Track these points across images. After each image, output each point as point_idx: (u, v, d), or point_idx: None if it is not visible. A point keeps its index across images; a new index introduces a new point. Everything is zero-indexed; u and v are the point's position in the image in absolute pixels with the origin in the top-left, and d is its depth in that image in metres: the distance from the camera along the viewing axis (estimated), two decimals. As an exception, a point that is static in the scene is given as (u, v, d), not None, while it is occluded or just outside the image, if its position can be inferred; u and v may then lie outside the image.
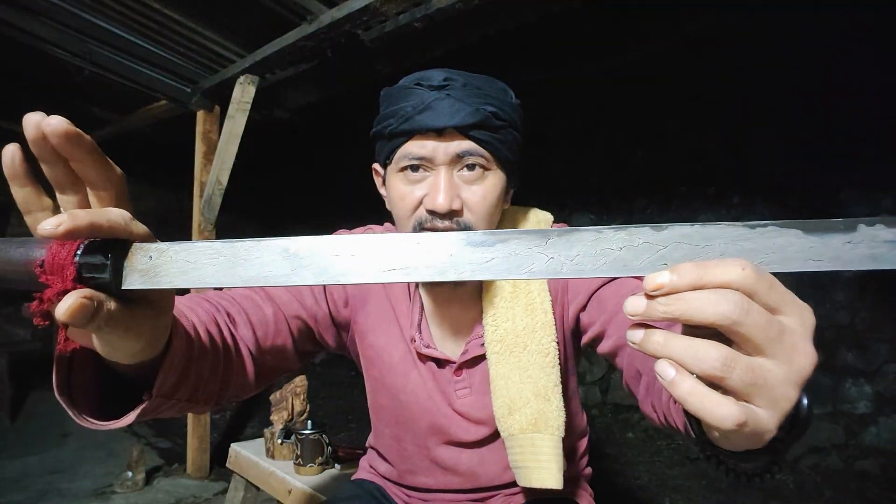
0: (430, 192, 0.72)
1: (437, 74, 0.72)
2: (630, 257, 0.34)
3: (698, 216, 3.51)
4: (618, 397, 3.75)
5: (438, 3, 1.70)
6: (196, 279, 0.36)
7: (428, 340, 0.85)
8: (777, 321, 0.31)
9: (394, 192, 0.76)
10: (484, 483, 0.87)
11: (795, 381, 0.32)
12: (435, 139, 0.71)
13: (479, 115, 0.70)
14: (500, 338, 0.79)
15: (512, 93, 0.77)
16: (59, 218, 0.34)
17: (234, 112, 2.46)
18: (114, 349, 0.39)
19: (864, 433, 2.81)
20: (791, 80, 3.10)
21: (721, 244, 0.33)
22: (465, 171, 0.73)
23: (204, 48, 2.43)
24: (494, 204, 0.75)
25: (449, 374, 0.84)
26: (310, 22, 1.98)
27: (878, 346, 2.81)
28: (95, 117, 3.69)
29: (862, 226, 0.32)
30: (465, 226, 0.73)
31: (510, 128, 0.74)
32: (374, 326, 0.86)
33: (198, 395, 0.57)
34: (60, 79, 3.04)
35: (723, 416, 0.30)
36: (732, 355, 0.31)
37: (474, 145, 0.71)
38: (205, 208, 2.64)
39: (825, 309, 2.98)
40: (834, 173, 2.96)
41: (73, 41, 2.50)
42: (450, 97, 0.70)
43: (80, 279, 0.34)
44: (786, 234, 0.33)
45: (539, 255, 0.35)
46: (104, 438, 3.30)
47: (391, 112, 0.74)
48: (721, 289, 0.31)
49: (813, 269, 0.32)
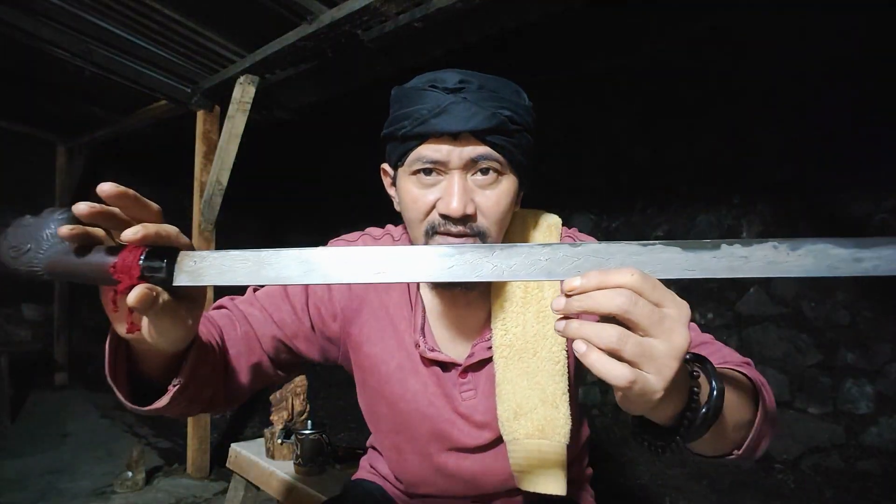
0: (444, 196, 0.71)
1: (452, 76, 0.71)
2: (553, 266, 0.46)
3: (698, 216, 3.51)
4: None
5: (439, 3, 1.70)
6: (230, 279, 0.49)
7: (433, 343, 0.84)
8: (659, 311, 0.43)
9: (406, 196, 0.75)
10: (486, 490, 0.86)
11: (675, 356, 0.43)
12: (450, 143, 0.70)
13: (496, 119, 0.69)
14: (509, 342, 0.79)
15: (525, 94, 0.77)
16: (136, 228, 0.47)
17: (235, 112, 2.46)
18: (161, 334, 0.51)
19: (866, 433, 2.81)
20: (791, 80, 3.10)
21: (620, 257, 0.46)
22: (478, 175, 0.72)
23: (204, 48, 2.43)
24: (507, 208, 0.74)
25: (454, 376, 0.84)
26: (310, 22, 1.98)
27: (880, 346, 2.81)
28: (96, 117, 3.69)
29: (724, 245, 0.45)
30: (479, 231, 0.72)
31: (524, 131, 0.74)
32: (369, 336, 0.86)
33: (199, 394, 0.68)
34: (61, 79, 3.05)
35: (617, 374, 0.42)
36: (625, 334, 0.42)
37: (489, 150, 0.71)
38: (205, 208, 2.64)
39: (826, 309, 2.98)
40: (834, 173, 2.95)
41: (74, 41, 2.50)
42: (466, 101, 0.69)
43: (142, 277, 0.47)
44: (669, 250, 0.46)
45: (486, 263, 0.47)
46: (104, 438, 3.30)
47: (405, 114, 0.72)
48: (617, 288, 0.42)
49: (688, 276, 0.46)
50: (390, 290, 0.86)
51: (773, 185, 3.18)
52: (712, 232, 3.44)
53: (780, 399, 3.08)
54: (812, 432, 2.95)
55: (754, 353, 3.21)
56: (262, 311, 0.83)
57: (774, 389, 3.47)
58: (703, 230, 3.48)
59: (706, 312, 3.44)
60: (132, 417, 3.77)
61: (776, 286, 3.16)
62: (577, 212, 4.08)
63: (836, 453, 2.86)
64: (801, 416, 3.00)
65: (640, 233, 3.79)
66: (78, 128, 3.96)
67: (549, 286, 0.80)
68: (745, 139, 3.29)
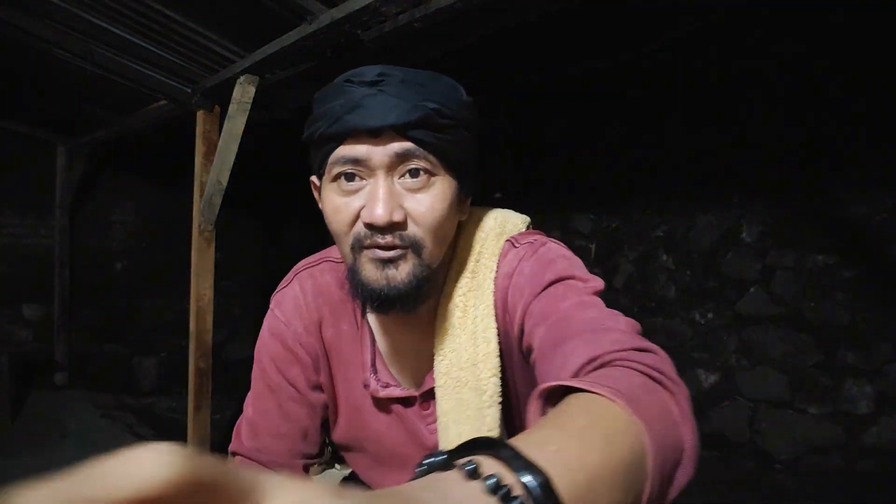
0: (368, 203, 0.62)
1: (372, 70, 0.65)
2: None
3: (698, 216, 3.51)
4: (618, 397, 3.75)
5: (438, 4, 1.70)
6: None
7: (386, 378, 0.77)
8: None
9: (327, 206, 0.67)
10: None
11: None
12: (370, 141, 0.62)
13: (419, 111, 0.61)
14: (445, 369, 0.71)
15: (463, 90, 0.69)
16: None
17: (235, 112, 2.46)
18: None
19: (866, 433, 2.81)
20: (791, 80, 3.10)
21: None
22: (407, 177, 0.63)
23: (204, 48, 2.43)
24: (443, 214, 0.65)
25: (417, 409, 0.77)
26: (309, 22, 1.98)
27: (880, 346, 2.81)
28: (96, 117, 3.69)
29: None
30: (411, 241, 0.63)
31: (459, 127, 0.65)
32: (333, 378, 0.80)
33: None
34: (61, 79, 3.05)
35: None
36: None
37: (416, 147, 0.62)
38: (205, 209, 2.64)
39: (826, 309, 2.98)
40: (834, 173, 2.96)
41: (74, 42, 2.51)
42: (383, 93, 0.61)
43: None
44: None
45: None
46: (104, 438, 3.30)
47: (320, 114, 0.66)
48: None
49: None
50: (340, 324, 0.79)
51: (773, 185, 3.18)
52: (712, 232, 3.45)
53: (780, 399, 3.09)
54: (812, 432, 2.95)
55: (754, 354, 3.21)
56: (276, 434, 0.78)
57: (775, 389, 3.43)
58: (703, 230, 3.49)
59: (706, 312, 3.44)
60: (132, 417, 3.77)
61: (776, 286, 3.16)
62: (576, 212, 4.08)
63: (836, 453, 2.85)
64: (801, 417, 3.00)
65: (640, 233, 3.79)
66: (78, 128, 3.96)
67: (482, 304, 0.70)
68: (745, 139, 3.29)
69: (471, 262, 0.72)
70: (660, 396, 0.44)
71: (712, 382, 3.37)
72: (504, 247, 0.72)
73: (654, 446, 0.38)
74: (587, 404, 0.39)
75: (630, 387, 0.42)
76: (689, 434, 0.43)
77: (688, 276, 3.54)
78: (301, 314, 0.78)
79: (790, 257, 3.11)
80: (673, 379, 0.47)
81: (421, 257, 0.64)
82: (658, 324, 3.64)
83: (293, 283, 0.81)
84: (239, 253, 5.22)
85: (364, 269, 0.64)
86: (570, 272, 0.64)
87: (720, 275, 3.39)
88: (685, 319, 3.52)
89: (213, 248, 2.79)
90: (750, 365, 3.23)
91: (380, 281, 0.63)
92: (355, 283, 0.65)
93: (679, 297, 3.56)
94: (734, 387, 3.27)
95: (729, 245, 3.36)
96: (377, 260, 0.63)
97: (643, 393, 0.43)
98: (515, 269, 0.68)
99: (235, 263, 5.09)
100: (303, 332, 0.78)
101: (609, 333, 0.53)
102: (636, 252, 3.81)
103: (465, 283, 0.71)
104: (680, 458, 0.42)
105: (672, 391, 0.46)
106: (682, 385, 0.47)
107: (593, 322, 0.56)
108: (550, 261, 0.66)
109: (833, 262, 2.97)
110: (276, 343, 0.79)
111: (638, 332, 0.56)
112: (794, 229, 3.10)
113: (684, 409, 0.45)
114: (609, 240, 3.96)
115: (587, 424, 0.36)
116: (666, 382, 0.46)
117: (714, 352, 3.38)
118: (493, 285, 0.70)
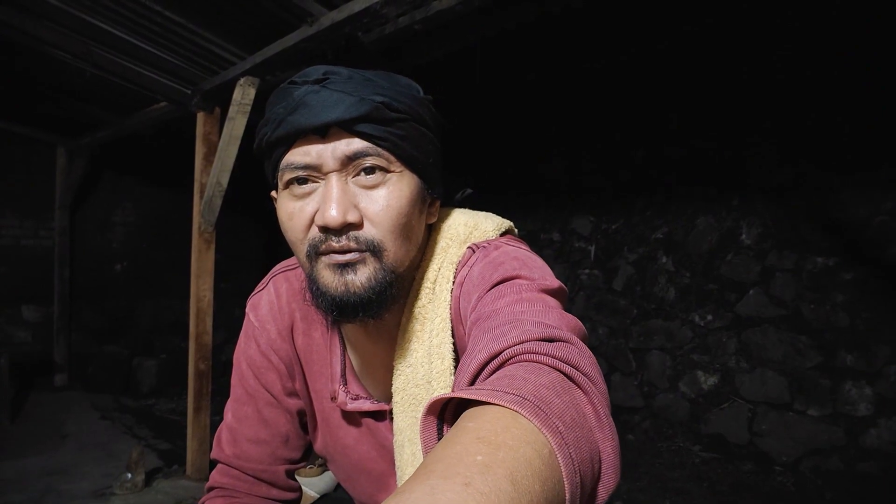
0: (321, 205, 0.59)
1: (318, 69, 0.61)
2: None
3: (698, 217, 3.51)
4: (617, 399, 3.75)
5: (438, 6, 1.70)
6: None
7: (357, 390, 0.74)
8: None
9: (282, 213, 0.63)
10: None
11: None
12: (318, 142, 0.59)
13: (366, 105, 0.57)
14: (401, 386, 0.67)
15: (419, 88, 0.65)
16: None
17: (235, 114, 2.46)
18: None
19: (865, 435, 2.81)
20: (791, 80, 3.10)
21: None
22: (361, 175, 0.59)
23: (204, 50, 2.43)
24: (402, 212, 0.60)
25: (389, 424, 0.73)
26: (310, 24, 1.99)
27: (879, 348, 2.81)
28: (96, 118, 3.69)
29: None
30: (369, 243, 0.59)
31: (411, 121, 0.61)
32: (308, 386, 0.78)
33: None
34: (62, 80, 3.05)
35: None
36: None
37: (367, 143, 0.58)
38: (205, 210, 2.64)
39: (825, 311, 2.98)
40: (834, 173, 2.96)
41: (75, 43, 2.51)
42: (327, 89, 0.58)
43: None
44: None
45: None
46: (103, 439, 3.30)
47: (265, 120, 0.62)
48: None
49: None
50: (312, 332, 0.76)
51: (773, 186, 3.18)
52: (712, 234, 3.45)
53: (780, 401, 3.09)
54: (811, 434, 2.95)
55: (754, 355, 3.21)
56: (256, 440, 0.77)
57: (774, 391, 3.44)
58: (703, 232, 3.49)
59: (706, 314, 3.44)
60: (132, 418, 3.77)
61: (776, 287, 3.16)
62: (576, 214, 4.09)
63: (836, 455, 2.85)
64: (801, 418, 3.00)
65: (640, 234, 3.80)
66: (78, 129, 3.97)
67: (438, 317, 0.66)
68: (745, 139, 3.30)
69: (432, 270, 0.68)
70: (572, 397, 0.38)
71: (712, 384, 3.37)
72: (465, 254, 0.67)
73: (569, 467, 0.32)
74: (486, 424, 0.32)
75: (537, 388, 0.36)
76: (607, 440, 0.38)
77: (687, 277, 3.54)
78: (275, 318, 0.76)
79: (790, 259, 3.11)
80: (587, 374, 0.41)
81: (382, 261, 0.60)
82: (657, 326, 3.64)
83: (268, 287, 0.78)
84: (239, 254, 5.22)
85: (322, 276, 0.60)
86: (517, 272, 0.58)
87: (720, 277, 3.39)
88: (685, 321, 3.52)
89: (213, 250, 2.79)
90: (749, 367, 3.23)
91: (338, 287, 0.59)
92: (314, 291, 0.61)
93: (679, 299, 3.56)
94: (734, 389, 3.27)
95: (728, 247, 3.37)
96: (334, 265, 0.59)
97: (552, 395, 0.36)
98: (467, 276, 0.63)
99: (235, 265, 5.08)
100: (277, 338, 0.76)
101: (519, 325, 0.46)
102: (636, 254, 3.81)
103: (426, 294, 0.67)
104: (599, 471, 0.37)
105: (585, 389, 0.39)
106: (598, 380, 0.41)
107: (512, 316, 0.50)
108: (500, 263, 0.61)
109: (833, 264, 2.97)
110: (251, 348, 0.77)
111: (570, 328, 0.49)
112: (793, 230, 3.11)
113: (600, 410, 0.39)
114: (609, 242, 3.96)
115: (487, 462, 0.29)
116: (578, 378, 0.40)
117: (714, 354, 3.38)
118: (449, 296, 0.65)
